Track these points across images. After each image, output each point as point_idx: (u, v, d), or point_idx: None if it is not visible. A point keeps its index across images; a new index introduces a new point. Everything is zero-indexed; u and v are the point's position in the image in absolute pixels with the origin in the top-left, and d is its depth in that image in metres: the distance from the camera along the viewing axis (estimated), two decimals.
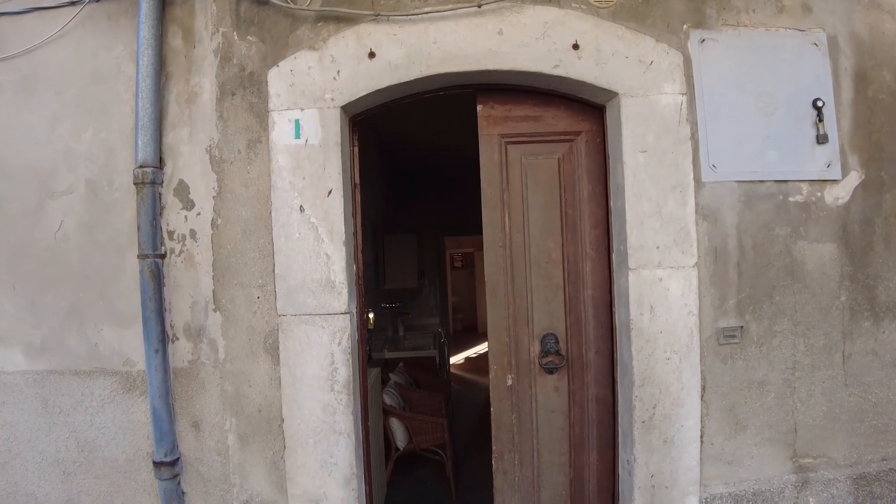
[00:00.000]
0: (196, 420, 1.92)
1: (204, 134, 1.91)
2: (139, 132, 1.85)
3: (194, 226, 1.90)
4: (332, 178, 1.85)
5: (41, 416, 1.96)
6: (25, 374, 1.96)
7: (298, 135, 1.86)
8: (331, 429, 1.85)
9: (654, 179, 1.88)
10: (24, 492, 1.98)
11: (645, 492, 1.90)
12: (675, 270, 1.89)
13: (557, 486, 2.08)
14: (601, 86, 1.88)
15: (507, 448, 2.06)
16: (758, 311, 1.96)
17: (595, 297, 2.05)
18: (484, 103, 2.03)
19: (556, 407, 2.06)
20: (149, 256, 1.84)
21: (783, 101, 1.96)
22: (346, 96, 1.85)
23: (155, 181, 1.86)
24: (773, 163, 1.96)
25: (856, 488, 2.00)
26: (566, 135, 2.05)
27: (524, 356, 2.06)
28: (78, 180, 1.95)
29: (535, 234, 2.05)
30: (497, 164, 2.03)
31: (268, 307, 1.88)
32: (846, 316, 1.99)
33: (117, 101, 1.95)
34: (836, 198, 1.99)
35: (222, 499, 1.93)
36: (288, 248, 1.85)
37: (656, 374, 1.88)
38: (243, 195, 1.89)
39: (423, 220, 6.47)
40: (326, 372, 1.84)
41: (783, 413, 1.97)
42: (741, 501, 1.96)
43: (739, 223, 1.95)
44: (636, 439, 1.88)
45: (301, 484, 1.87)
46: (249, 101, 1.89)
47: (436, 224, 6.56)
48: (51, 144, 1.96)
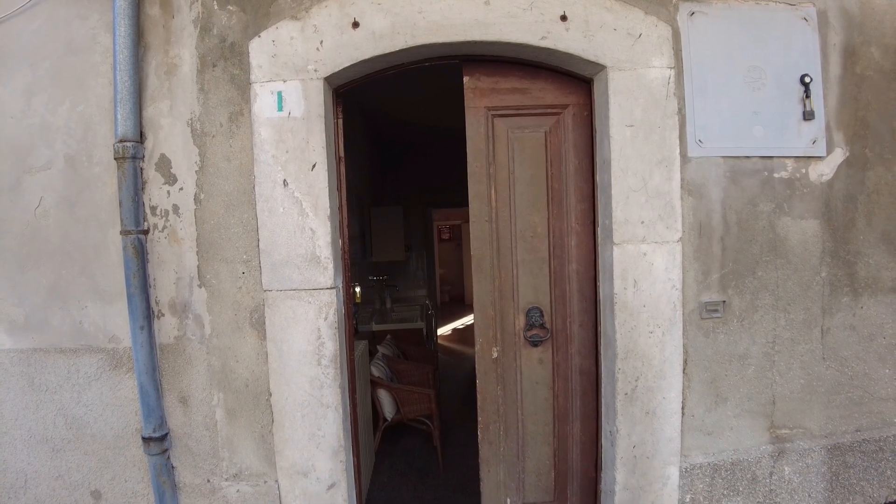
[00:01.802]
0: (184, 395, 1.93)
1: (185, 107, 1.87)
2: (118, 105, 1.81)
3: (177, 201, 1.88)
4: (315, 152, 1.82)
5: (27, 394, 1.95)
6: (10, 353, 1.95)
7: (281, 107, 1.82)
8: (318, 402, 1.87)
9: (640, 154, 1.88)
10: (13, 469, 1.99)
11: (627, 462, 1.94)
12: (660, 245, 1.90)
13: (541, 457, 2.13)
14: (589, 58, 1.86)
15: (493, 419, 2.09)
16: (740, 286, 1.98)
17: (580, 271, 2.06)
18: (470, 75, 2.00)
19: (540, 379, 2.09)
20: (132, 232, 1.82)
21: (771, 77, 1.95)
22: (330, 67, 1.81)
23: (136, 156, 1.83)
24: (759, 138, 1.96)
25: (830, 458, 2.07)
26: (553, 108, 2.03)
27: (509, 329, 2.08)
28: (56, 155, 1.91)
29: (522, 208, 2.05)
30: (483, 137, 2.02)
31: (253, 282, 1.87)
32: (826, 291, 2.03)
33: (94, 74, 1.90)
34: (821, 174, 2.00)
35: (211, 472, 1.95)
36: (272, 222, 1.83)
37: (639, 347, 1.91)
38: (226, 169, 1.86)
39: (410, 193, 6.42)
40: (313, 346, 1.85)
41: (762, 385, 2.02)
42: (720, 471, 2.01)
43: (724, 199, 1.96)
44: (619, 411, 1.92)
45: (289, 457, 1.89)
46: (231, 72, 1.85)
47: (423, 196, 6.51)
48: (26, 118, 1.91)
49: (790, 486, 2.05)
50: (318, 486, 1.90)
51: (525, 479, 2.14)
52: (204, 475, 1.96)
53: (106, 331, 1.92)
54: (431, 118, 4.99)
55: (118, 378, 1.94)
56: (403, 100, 4.33)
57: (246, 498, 1.94)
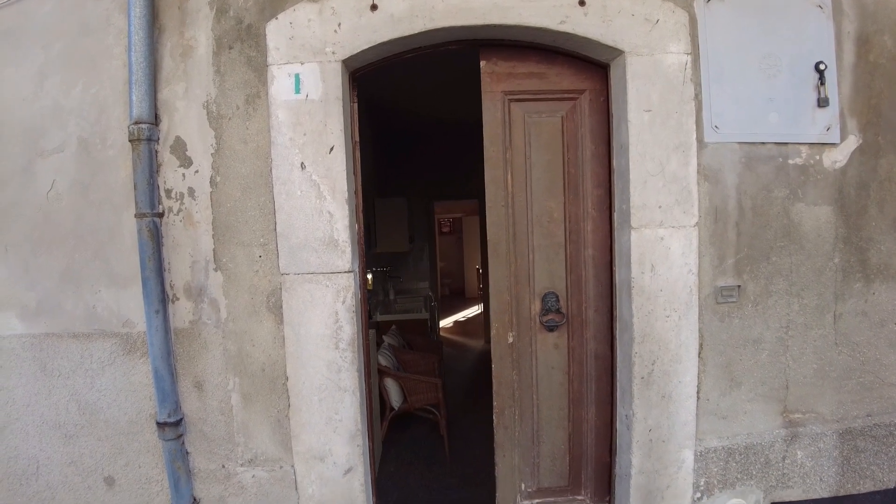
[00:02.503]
0: (199, 380, 1.91)
1: (200, 89, 1.85)
2: (133, 87, 1.79)
3: (192, 184, 1.86)
4: (333, 135, 1.81)
5: (40, 379, 1.93)
6: (21, 338, 1.92)
7: (298, 90, 1.81)
8: (336, 386, 1.86)
9: (657, 139, 1.88)
10: (24, 456, 1.97)
11: (643, 445, 1.95)
12: (677, 230, 1.91)
13: (556, 441, 2.14)
14: (607, 43, 1.86)
15: (508, 404, 2.10)
16: (755, 271, 1.99)
17: (595, 256, 2.06)
18: (487, 59, 1.99)
19: (555, 364, 2.10)
20: (147, 215, 1.80)
21: (786, 64, 1.96)
22: (348, 50, 1.80)
23: (151, 138, 1.81)
24: (774, 125, 1.97)
25: (841, 442, 2.09)
26: (570, 93, 2.03)
27: (525, 314, 2.08)
28: (69, 138, 1.89)
29: (538, 193, 2.05)
30: (500, 122, 2.01)
31: (270, 266, 1.86)
32: (839, 277, 2.04)
33: (108, 56, 1.88)
34: (834, 161, 2.02)
35: (226, 458, 1.94)
36: (289, 205, 1.82)
37: (656, 331, 1.92)
38: (242, 152, 1.85)
39: (413, 185, 6.39)
40: (331, 330, 1.84)
41: (776, 370, 2.03)
42: (734, 455, 2.03)
43: (739, 184, 1.97)
44: (635, 394, 1.93)
45: (306, 441, 1.89)
46: (247, 54, 1.84)
47: (426, 189, 6.48)
48: (38, 100, 1.88)
49: (802, 470, 2.07)
50: (335, 470, 1.90)
51: (540, 463, 2.14)
52: (219, 460, 1.95)
53: (120, 315, 1.91)
54: (438, 109, 4.96)
55: (132, 363, 1.92)
56: (409, 89, 4.32)
57: (261, 483, 1.94)
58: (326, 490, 1.91)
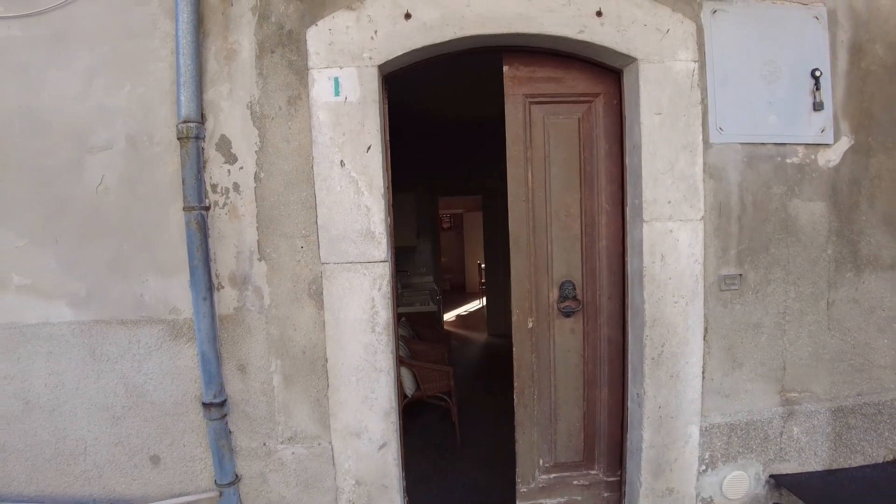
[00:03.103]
0: (242, 363, 2.04)
1: (244, 90, 1.98)
2: (182, 88, 1.91)
3: (237, 179, 1.99)
4: (370, 135, 1.95)
5: (88, 364, 2.04)
6: (71, 325, 2.03)
7: (338, 92, 1.94)
8: (372, 367, 2.00)
9: (667, 139, 2.04)
10: (73, 437, 2.08)
11: (653, 422, 2.12)
12: (684, 223, 2.07)
13: (572, 419, 2.30)
14: (622, 51, 2.01)
15: (528, 385, 2.25)
16: (755, 261, 2.17)
17: (609, 247, 2.23)
18: (510, 64, 2.14)
19: (571, 347, 2.26)
20: (195, 208, 1.93)
21: (785, 70, 2.13)
22: (383, 55, 1.94)
23: (198, 136, 1.93)
24: (773, 126, 2.14)
25: (834, 419, 2.27)
26: (585, 96, 2.18)
27: (543, 301, 2.24)
28: (117, 136, 2.00)
29: (556, 189, 2.20)
30: (521, 123, 2.16)
31: (311, 256, 1.99)
32: (832, 267, 2.22)
33: (154, 58, 1.99)
34: (828, 160, 2.19)
35: (267, 436, 2.08)
36: (330, 200, 1.96)
37: (665, 316, 2.08)
38: (285, 150, 1.98)
39: (418, 181, 6.51)
40: (368, 315, 1.98)
41: (774, 352, 2.21)
42: (735, 430, 2.20)
43: (742, 181, 2.14)
44: (646, 374, 2.09)
45: (343, 419, 2.03)
46: (289, 58, 1.97)
47: (430, 185, 6.61)
48: (87, 100, 1.99)
49: (798, 445, 2.25)
50: (370, 446, 2.04)
51: (556, 440, 2.31)
52: (260, 439, 2.08)
53: (166, 302, 2.03)
54: (443, 109, 5.08)
55: (178, 348, 2.04)
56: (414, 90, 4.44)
57: (300, 459, 2.07)
58: (362, 465, 2.05)
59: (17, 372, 2.04)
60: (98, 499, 2.11)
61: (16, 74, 1.98)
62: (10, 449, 2.07)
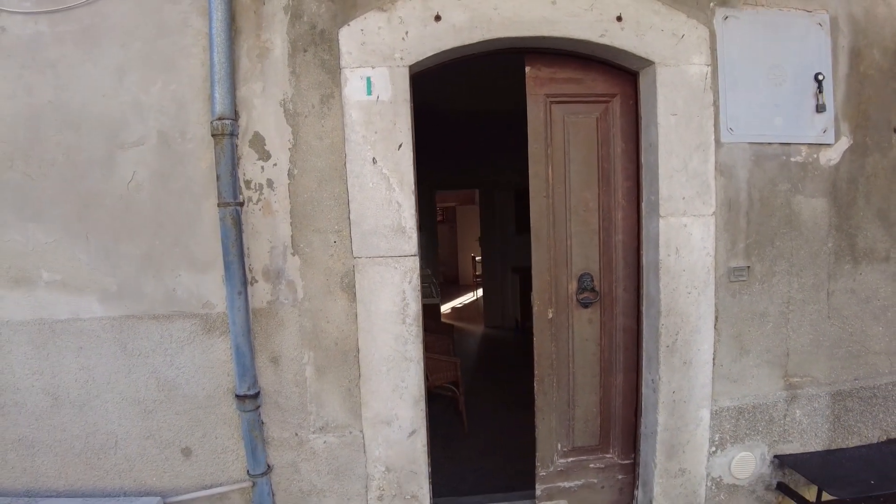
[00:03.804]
0: (275, 356, 2.09)
1: (277, 88, 2.02)
2: (216, 85, 1.94)
3: (271, 175, 2.03)
4: (401, 133, 2.01)
5: (119, 359, 2.06)
6: (101, 321, 2.04)
7: (370, 91, 2.00)
8: (402, 356, 2.07)
9: (682, 139, 2.15)
10: (103, 431, 2.10)
11: (667, 406, 2.24)
12: (697, 218, 2.18)
13: (589, 405, 2.41)
14: (640, 55, 2.11)
15: (547, 373, 2.35)
16: (761, 254, 2.29)
17: (625, 241, 2.33)
18: (532, 65, 2.22)
19: (589, 336, 2.37)
20: (230, 204, 1.96)
21: (790, 74, 2.25)
22: (414, 56, 2.00)
23: (233, 133, 1.97)
24: (779, 127, 2.26)
25: (833, 402, 2.42)
26: (603, 97, 2.28)
27: (563, 293, 2.33)
28: (149, 131, 2.02)
29: (575, 185, 2.30)
30: (542, 121, 2.25)
31: (343, 250, 2.05)
32: (832, 259, 2.37)
33: (185, 55, 2.02)
34: (829, 159, 2.33)
35: (299, 426, 2.13)
36: (362, 196, 2.02)
37: (679, 305, 2.20)
38: (318, 147, 2.03)
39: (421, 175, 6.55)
40: (398, 307, 2.05)
41: (778, 340, 2.35)
42: (743, 413, 2.33)
43: (750, 178, 2.26)
44: (661, 361, 2.21)
45: (374, 408, 2.09)
46: (321, 57, 2.01)
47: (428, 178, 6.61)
48: (118, 96, 2.01)
49: (800, 427, 2.40)
50: (400, 433, 2.11)
51: (574, 425, 2.41)
52: (292, 429, 2.13)
53: (199, 297, 2.06)
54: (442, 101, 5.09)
55: (210, 341, 2.08)
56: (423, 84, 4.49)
57: (332, 448, 2.13)
58: (392, 452, 2.12)
59: (46, 367, 2.05)
60: (129, 491, 2.13)
61: (44, 70, 1.99)
62: (39, 444, 2.09)
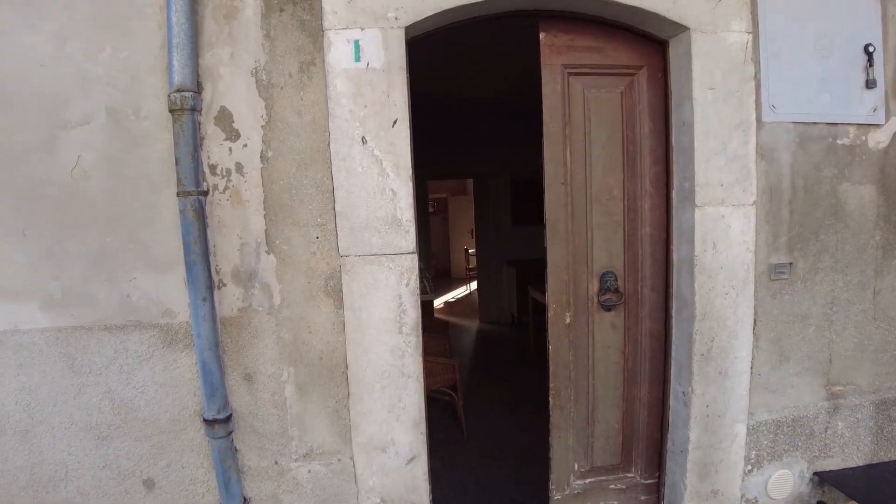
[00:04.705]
0: (249, 372, 1.79)
1: (248, 55, 1.70)
2: (174, 51, 1.62)
3: (240, 159, 1.71)
4: (396, 107, 1.71)
5: (67, 377, 1.75)
6: (45, 332, 1.73)
7: (358, 57, 1.69)
8: (399, 372, 1.78)
9: (720, 117, 1.87)
10: (51, 461, 1.79)
11: (700, 421, 1.97)
12: (737, 208, 1.91)
13: (610, 420, 2.14)
14: (673, 19, 1.82)
15: (564, 385, 2.07)
16: (805, 248, 2.03)
17: (652, 234, 2.05)
18: (547, 31, 1.92)
19: (612, 343, 2.09)
20: (191, 193, 1.65)
21: (838, 45, 1.98)
22: (412, 16, 1.69)
23: (195, 108, 1.65)
24: (825, 105, 1.99)
25: (877, 413, 2.18)
26: (628, 68, 1.99)
27: (582, 294, 2.05)
28: (96, 108, 1.69)
29: (597, 170, 2.01)
30: (560, 95, 1.95)
31: (328, 248, 1.74)
32: (879, 254, 2.11)
33: (140, 16, 1.68)
34: (878, 142, 2.06)
35: (279, 453, 1.83)
36: (349, 183, 1.71)
37: (715, 308, 1.93)
38: (297, 124, 1.71)
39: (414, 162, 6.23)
40: (394, 314, 1.75)
41: (821, 345, 2.09)
42: (782, 427, 2.08)
43: (793, 163, 1.99)
44: (695, 371, 1.94)
45: (367, 431, 1.80)
46: (300, 18, 1.69)
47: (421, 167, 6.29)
48: (60, 66, 1.67)
49: (842, 440, 2.15)
50: (398, 460, 1.82)
51: (593, 443, 2.14)
52: (271, 456, 1.84)
53: (159, 304, 1.75)
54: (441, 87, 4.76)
55: (173, 356, 1.77)
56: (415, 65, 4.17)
57: (318, 478, 1.84)
58: (388, 481, 1.83)
59: None
60: None
61: None
62: None
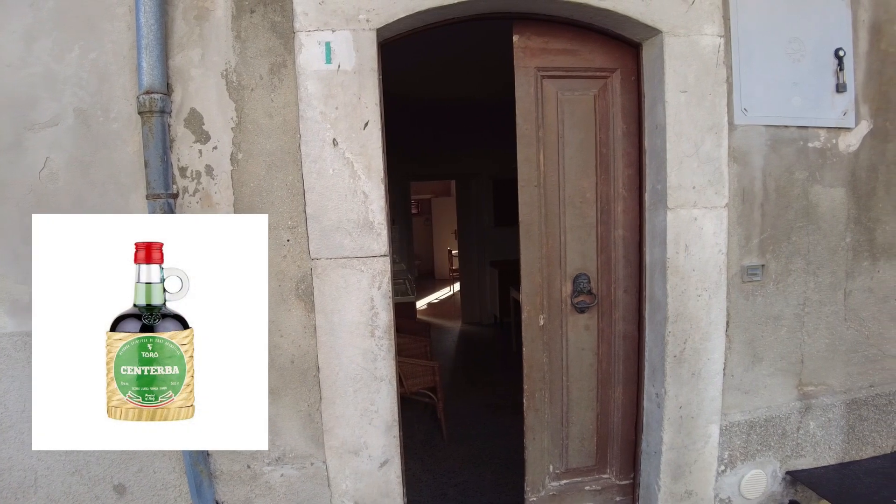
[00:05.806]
0: None
1: (218, 56, 1.69)
2: (143, 52, 1.60)
3: (210, 161, 1.70)
4: (368, 109, 1.70)
5: None
6: (13, 337, 1.70)
7: (330, 59, 1.68)
8: (371, 376, 1.77)
9: (693, 120, 1.89)
10: (20, 467, 1.76)
11: (674, 422, 1.99)
12: (709, 210, 1.93)
13: (585, 422, 2.15)
14: (646, 22, 1.83)
15: (538, 387, 2.08)
16: (777, 250, 2.05)
17: (626, 237, 2.06)
18: (521, 34, 1.92)
19: (585, 345, 2.10)
20: (161, 196, 1.63)
21: (810, 49, 2.00)
22: (384, 18, 1.69)
23: (164, 110, 1.63)
24: (797, 108, 2.01)
25: (848, 412, 2.21)
26: (601, 71, 2.00)
27: (556, 296, 2.06)
28: (64, 109, 1.67)
29: (571, 172, 2.01)
30: (533, 98, 1.96)
31: (299, 251, 1.74)
32: (849, 256, 2.14)
33: (109, 16, 1.67)
34: (848, 145, 2.09)
35: (252, 457, 1.82)
36: (321, 185, 1.70)
37: (688, 310, 1.94)
38: (267, 126, 1.70)
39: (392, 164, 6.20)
40: (366, 317, 1.75)
41: (793, 346, 2.11)
42: (755, 427, 2.10)
43: (765, 166, 2.01)
44: (668, 373, 1.95)
45: (339, 435, 1.79)
46: (272, 19, 1.69)
47: (402, 168, 6.20)
48: (27, 66, 1.65)
49: (814, 440, 2.18)
50: (371, 464, 1.82)
51: (568, 444, 2.15)
52: (244, 461, 1.82)
53: None
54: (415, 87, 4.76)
55: None
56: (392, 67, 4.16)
57: (291, 482, 1.83)
58: (361, 485, 1.83)
59: None
60: None
61: None
62: None
